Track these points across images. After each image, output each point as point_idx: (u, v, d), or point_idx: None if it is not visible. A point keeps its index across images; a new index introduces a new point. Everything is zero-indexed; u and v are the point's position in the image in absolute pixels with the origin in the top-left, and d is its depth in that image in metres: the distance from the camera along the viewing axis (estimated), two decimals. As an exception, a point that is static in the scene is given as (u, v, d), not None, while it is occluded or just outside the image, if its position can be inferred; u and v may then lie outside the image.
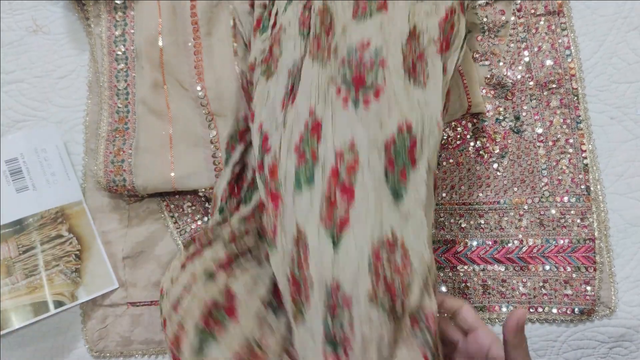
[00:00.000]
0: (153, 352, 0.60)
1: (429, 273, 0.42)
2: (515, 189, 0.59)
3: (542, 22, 0.62)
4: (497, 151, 0.60)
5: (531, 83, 0.61)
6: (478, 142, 0.61)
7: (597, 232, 0.58)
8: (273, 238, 0.44)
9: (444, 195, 0.60)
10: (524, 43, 0.62)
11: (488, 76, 0.61)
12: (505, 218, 0.59)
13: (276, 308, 0.47)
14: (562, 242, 0.58)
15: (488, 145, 0.61)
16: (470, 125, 0.61)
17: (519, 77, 0.61)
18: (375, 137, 0.43)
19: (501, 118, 0.61)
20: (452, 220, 0.60)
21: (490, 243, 0.59)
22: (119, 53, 0.63)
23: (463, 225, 0.59)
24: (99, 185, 0.60)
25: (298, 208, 0.43)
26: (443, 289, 0.59)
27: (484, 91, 0.61)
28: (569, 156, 0.59)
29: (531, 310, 0.57)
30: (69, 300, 0.57)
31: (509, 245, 0.59)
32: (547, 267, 0.58)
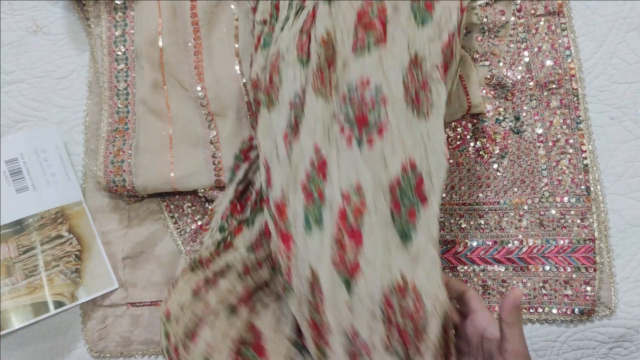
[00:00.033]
0: (153, 353, 0.60)
1: (446, 312, 0.40)
2: (515, 190, 0.59)
3: (542, 23, 0.62)
4: (497, 151, 0.60)
5: (531, 83, 0.61)
6: (478, 143, 0.61)
7: (597, 233, 0.58)
8: (288, 280, 0.44)
9: (444, 195, 0.60)
10: (524, 43, 0.62)
11: (488, 76, 0.61)
12: (505, 218, 0.59)
13: (302, 348, 0.46)
14: (562, 243, 0.58)
15: (488, 145, 0.61)
16: (470, 125, 0.61)
17: (519, 78, 0.61)
18: (380, 179, 0.43)
19: (501, 118, 0.61)
20: (452, 220, 0.60)
21: (490, 243, 0.59)
22: (119, 53, 0.63)
23: (463, 225, 0.59)
24: (99, 185, 0.60)
25: (310, 250, 0.43)
26: (443, 290, 0.59)
27: (484, 91, 0.61)
28: (569, 156, 0.59)
29: (531, 310, 0.57)
30: (69, 300, 0.57)
31: (509, 245, 0.58)
32: (547, 268, 0.58)
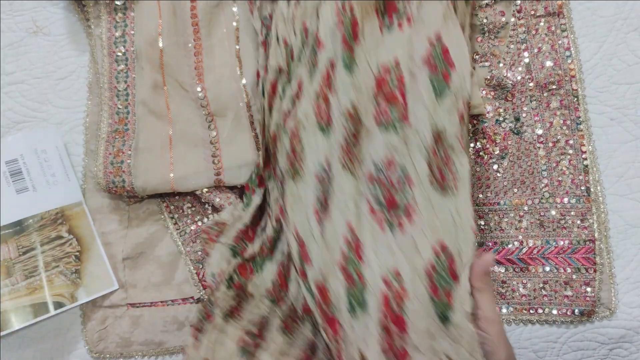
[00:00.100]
0: (153, 353, 0.60)
1: None
2: (515, 190, 0.59)
3: (542, 24, 0.62)
4: (497, 152, 0.60)
5: (531, 84, 0.61)
6: (478, 144, 0.61)
7: (597, 233, 0.58)
8: None
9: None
10: (524, 44, 0.61)
11: (488, 77, 0.61)
12: (505, 219, 0.59)
13: None
14: (562, 243, 0.58)
15: (488, 146, 0.60)
16: (470, 126, 0.61)
17: (519, 78, 0.61)
18: (415, 265, 0.43)
19: (501, 119, 0.61)
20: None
21: (490, 244, 0.59)
22: (119, 54, 0.63)
23: (463, 226, 0.59)
24: (99, 186, 0.60)
25: (357, 334, 0.44)
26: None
27: (484, 92, 0.61)
28: (569, 157, 0.59)
29: (531, 311, 0.57)
30: (69, 301, 0.57)
31: (509, 246, 0.58)
32: (547, 269, 0.58)
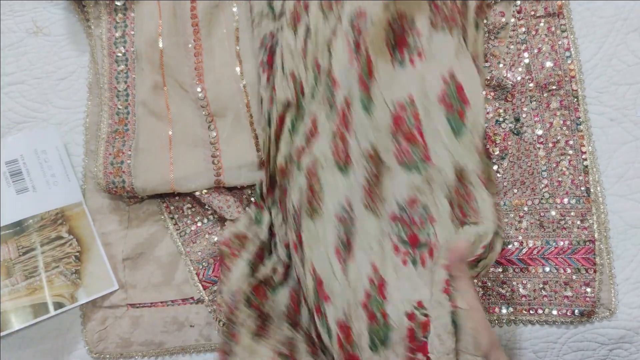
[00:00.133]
0: (153, 354, 0.60)
1: None
2: (515, 191, 0.59)
3: (542, 24, 0.62)
4: (497, 153, 0.60)
5: (531, 85, 0.61)
6: (478, 144, 0.61)
7: (597, 234, 0.58)
8: None
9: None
10: (524, 45, 0.62)
11: (488, 78, 0.61)
12: (505, 220, 0.59)
13: None
14: (562, 244, 0.58)
15: (488, 146, 0.60)
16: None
17: (519, 79, 0.61)
18: (435, 292, 0.44)
19: (501, 120, 0.61)
20: (452, 221, 0.60)
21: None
22: (119, 54, 0.63)
23: (463, 226, 0.59)
24: (99, 186, 0.60)
25: None
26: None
27: (484, 93, 0.61)
28: (569, 158, 0.59)
29: (531, 312, 0.57)
30: (69, 301, 0.57)
31: (509, 246, 0.58)
32: (547, 269, 0.58)
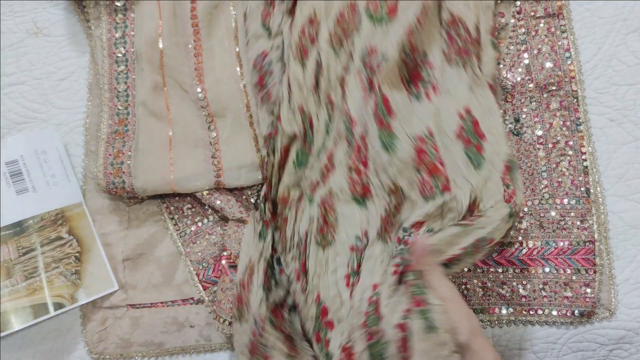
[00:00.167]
0: (152, 354, 0.60)
1: None
2: (515, 191, 0.59)
3: (542, 25, 0.62)
4: (497, 153, 0.60)
5: (531, 85, 0.61)
6: (478, 144, 0.61)
7: (597, 234, 0.58)
8: None
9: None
10: (524, 45, 0.62)
11: (488, 78, 0.61)
12: (505, 220, 0.59)
13: None
14: (562, 245, 0.58)
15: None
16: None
17: (519, 80, 0.61)
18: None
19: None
20: (452, 222, 0.60)
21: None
22: (119, 55, 0.63)
23: (463, 227, 0.59)
24: (99, 187, 0.60)
25: None
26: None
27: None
28: (569, 158, 0.59)
29: (531, 312, 0.57)
30: (69, 302, 0.57)
31: (509, 247, 0.58)
32: (547, 270, 0.58)
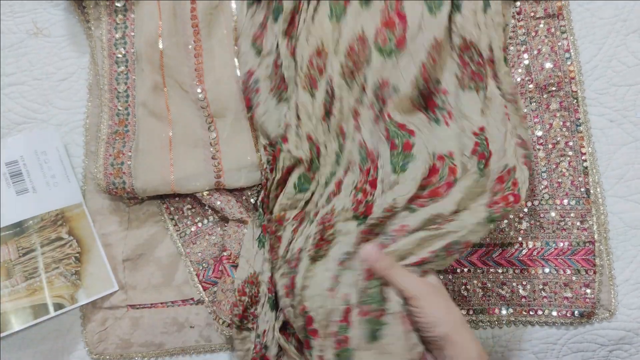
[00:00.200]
0: (153, 355, 0.60)
1: None
2: (515, 192, 0.59)
3: (542, 25, 0.62)
4: (497, 154, 0.60)
5: (531, 86, 0.61)
6: (478, 145, 0.61)
7: (597, 235, 0.58)
8: None
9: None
10: (524, 46, 0.62)
11: (488, 79, 0.61)
12: (505, 220, 0.59)
13: None
14: (562, 245, 0.58)
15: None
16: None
17: (519, 80, 0.61)
18: None
19: (501, 121, 0.61)
20: (452, 222, 0.60)
21: (490, 245, 0.59)
22: (119, 55, 0.63)
23: (463, 227, 0.59)
24: (99, 187, 0.60)
25: None
26: (443, 292, 0.59)
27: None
28: (569, 159, 0.59)
29: (531, 313, 0.57)
30: (69, 302, 0.58)
31: (509, 247, 0.58)
32: (547, 270, 0.58)
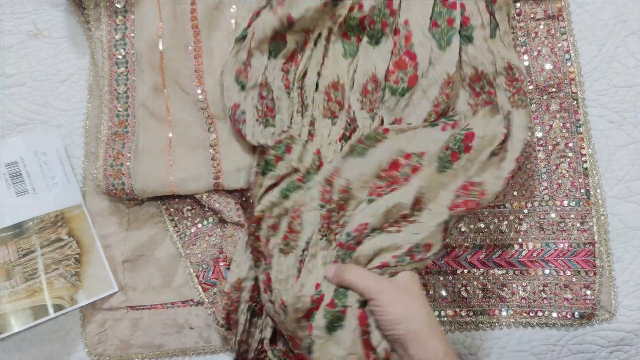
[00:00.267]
0: (152, 356, 0.60)
1: None
2: (515, 193, 0.59)
3: (542, 27, 0.62)
4: (497, 155, 0.60)
5: (531, 87, 0.61)
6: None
7: (597, 236, 0.58)
8: None
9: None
10: (524, 47, 0.62)
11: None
12: (505, 222, 0.59)
13: None
14: (562, 246, 0.58)
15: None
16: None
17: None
18: None
19: (501, 122, 0.61)
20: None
21: (490, 247, 0.59)
22: (119, 57, 0.63)
23: (463, 229, 0.59)
24: (99, 188, 0.60)
25: None
26: (443, 293, 0.59)
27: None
28: (569, 160, 0.59)
29: (531, 314, 0.57)
30: (69, 303, 0.57)
31: (509, 249, 0.58)
32: (547, 271, 0.58)
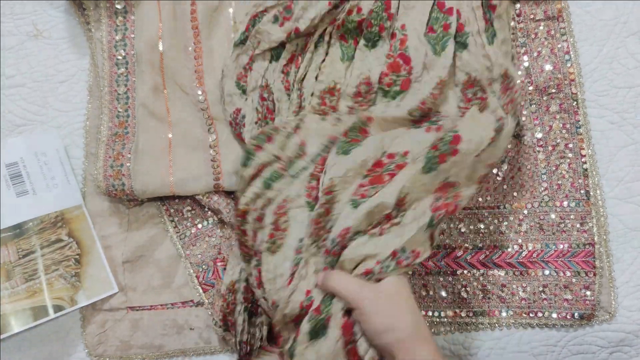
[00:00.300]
0: (152, 357, 0.60)
1: None
2: (514, 194, 0.59)
3: (542, 27, 0.62)
4: (497, 156, 0.60)
5: (530, 88, 0.61)
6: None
7: (597, 237, 0.58)
8: None
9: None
10: (524, 48, 0.62)
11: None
12: (505, 223, 0.59)
13: None
14: (562, 247, 0.58)
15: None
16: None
17: (518, 82, 0.61)
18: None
19: (501, 123, 0.61)
20: (452, 224, 0.60)
21: (490, 248, 0.59)
22: (120, 57, 0.63)
23: (463, 230, 0.59)
24: (99, 189, 0.60)
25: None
26: (443, 294, 0.59)
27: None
28: (569, 161, 0.59)
29: (531, 315, 0.57)
30: (69, 304, 0.57)
31: (509, 250, 0.58)
32: (547, 272, 0.58)
